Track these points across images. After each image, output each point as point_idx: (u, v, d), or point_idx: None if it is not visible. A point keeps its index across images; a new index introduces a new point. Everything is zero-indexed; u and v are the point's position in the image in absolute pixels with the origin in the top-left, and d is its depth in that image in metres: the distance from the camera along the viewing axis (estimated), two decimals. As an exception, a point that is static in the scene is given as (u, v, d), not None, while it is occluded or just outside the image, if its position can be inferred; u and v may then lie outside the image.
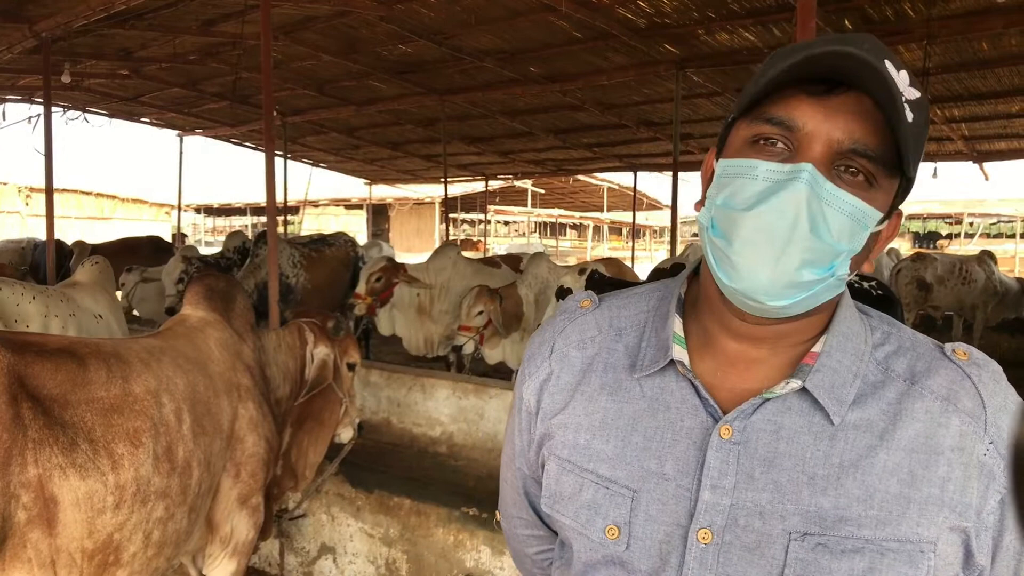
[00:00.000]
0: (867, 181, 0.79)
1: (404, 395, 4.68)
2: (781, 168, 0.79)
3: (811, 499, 0.81)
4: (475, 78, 9.37)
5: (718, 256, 0.82)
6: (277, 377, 2.86)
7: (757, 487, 0.83)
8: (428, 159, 15.13)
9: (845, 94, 0.77)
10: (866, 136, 0.78)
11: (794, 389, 0.85)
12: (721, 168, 0.85)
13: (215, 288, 2.54)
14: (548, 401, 0.98)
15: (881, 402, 0.84)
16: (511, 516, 1.12)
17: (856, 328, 0.89)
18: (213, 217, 35.62)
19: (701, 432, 0.86)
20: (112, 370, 1.91)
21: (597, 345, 0.98)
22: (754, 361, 0.89)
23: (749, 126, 0.82)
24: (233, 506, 2.31)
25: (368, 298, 6.20)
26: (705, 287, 0.91)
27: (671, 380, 0.91)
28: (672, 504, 0.86)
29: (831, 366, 0.85)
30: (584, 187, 27.65)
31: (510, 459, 1.08)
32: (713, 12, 6.71)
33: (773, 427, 0.84)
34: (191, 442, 2.04)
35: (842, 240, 0.79)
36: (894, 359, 0.88)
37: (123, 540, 1.82)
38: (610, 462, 0.90)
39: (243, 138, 14.35)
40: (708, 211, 0.85)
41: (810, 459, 0.82)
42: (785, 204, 0.77)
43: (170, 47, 8.62)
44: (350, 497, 3.70)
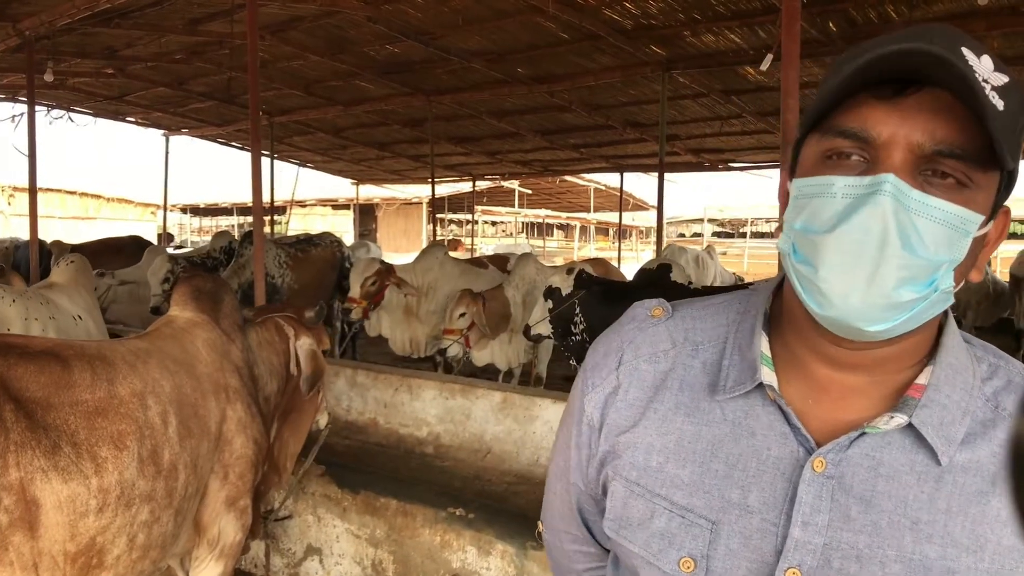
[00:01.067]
0: (960, 183, 0.72)
1: (391, 396, 4.67)
2: (860, 182, 0.72)
3: (915, 546, 0.75)
4: (462, 79, 9.37)
5: (805, 283, 0.75)
6: (265, 375, 2.85)
7: (854, 528, 0.76)
8: (415, 159, 15.13)
9: (919, 93, 0.71)
10: (950, 134, 0.70)
11: (900, 425, 0.77)
12: (796, 189, 0.78)
13: (203, 289, 2.52)
14: (614, 416, 0.91)
15: (992, 443, 0.77)
16: (558, 530, 1.05)
17: (964, 359, 0.81)
18: (199, 217, 35.41)
19: (791, 463, 0.79)
20: (97, 372, 1.90)
21: (671, 359, 0.90)
22: (850, 389, 0.81)
23: (820, 141, 0.76)
24: (221, 508, 2.30)
25: (363, 302, 6.20)
26: (791, 308, 0.84)
27: (757, 404, 0.83)
28: (756, 539, 0.79)
29: (940, 401, 0.78)
30: (571, 188, 27.70)
31: (562, 471, 1.00)
32: (699, 14, 6.75)
33: (872, 463, 0.77)
34: (177, 444, 2.03)
35: (940, 251, 0.71)
36: (1004, 395, 0.80)
37: (107, 543, 1.81)
38: (687, 489, 0.84)
39: (230, 138, 14.29)
40: (788, 236, 0.78)
41: (913, 502, 0.76)
42: (869, 220, 0.70)
43: (156, 46, 8.57)
44: (336, 498, 3.69)
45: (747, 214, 32.69)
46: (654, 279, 5.35)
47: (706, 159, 13.26)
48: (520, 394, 4.19)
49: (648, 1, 6.59)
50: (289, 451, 3.13)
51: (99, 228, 24.11)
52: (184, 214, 33.51)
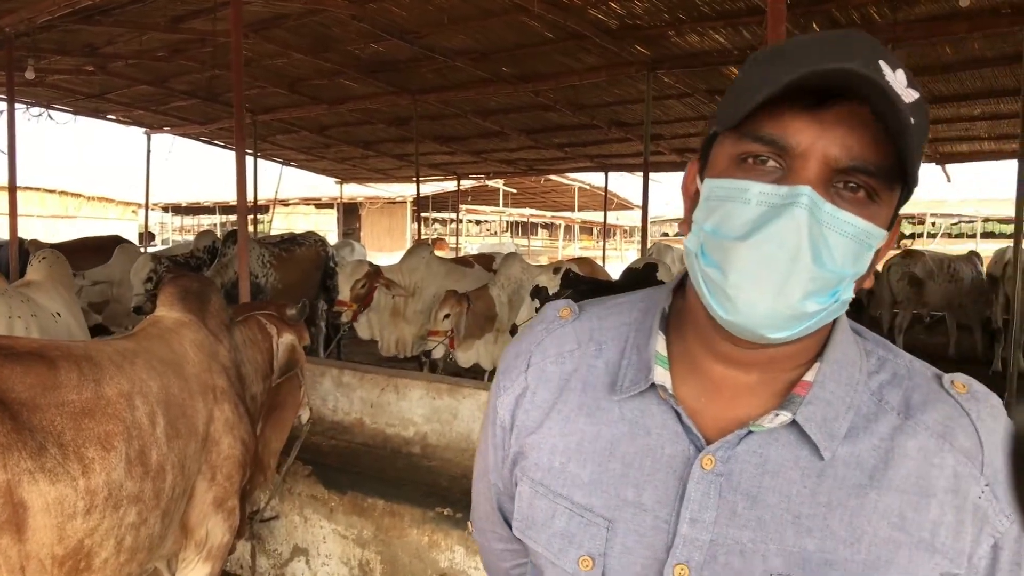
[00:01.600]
0: (868, 197, 0.73)
1: (377, 396, 4.65)
2: (776, 191, 0.72)
3: (796, 539, 0.76)
4: (447, 77, 9.35)
5: (712, 288, 0.75)
6: (251, 374, 2.84)
7: (739, 523, 0.78)
8: (400, 158, 15.08)
9: (839, 105, 0.71)
10: (865, 151, 0.71)
11: (783, 422, 0.79)
12: (708, 189, 0.77)
13: (189, 289, 2.51)
14: (523, 418, 0.92)
15: (873, 437, 0.79)
16: (484, 530, 1.07)
17: (851, 354, 0.83)
18: (181, 216, 35.11)
19: (682, 461, 0.81)
20: (84, 373, 1.88)
21: (576, 360, 0.91)
22: (742, 388, 0.83)
23: (736, 143, 0.75)
24: (208, 509, 2.29)
25: (353, 305, 6.18)
26: (691, 307, 0.85)
27: (652, 403, 0.84)
28: (650, 536, 0.81)
29: (824, 397, 0.79)
30: (555, 187, 27.72)
31: (483, 472, 1.02)
32: (684, 14, 6.77)
33: (758, 460, 0.79)
34: (165, 445, 2.02)
35: (846, 265, 0.73)
36: (889, 389, 0.82)
37: (94, 546, 1.79)
38: (586, 488, 0.85)
39: (212, 136, 14.18)
40: (696, 237, 0.78)
41: (796, 496, 0.77)
42: (785, 232, 0.70)
43: (137, 43, 8.49)
44: (323, 498, 3.68)
45: (730, 213, 32.76)
46: (641, 278, 5.37)
47: (691, 159, 13.21)
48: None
49: (633, 1, 6.61)
50: (272, 448, 3.12)
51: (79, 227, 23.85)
52: (165, 213, 33.21)
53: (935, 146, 11.01)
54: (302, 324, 3.23)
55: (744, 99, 0.72)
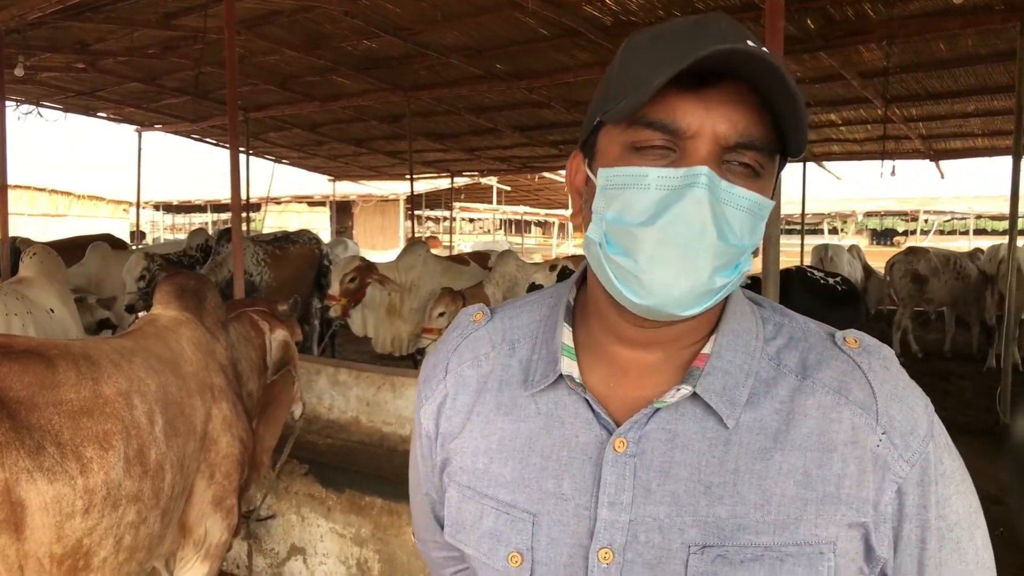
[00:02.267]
0: (755, 171, 0.76)
1: (373, 394, 4.64)
2: (674, 174, 0.74)
3: (708, 509, 0.78)
4: (441, 74, 9.32)
5: (621, 275, 0.77)
6: (247, 372, 2.83)
7: (654, 500, 0.79)
8: (393, 156, 15.04)
9: (720, 84, 0.73)
10: (750, 126, 0.74)
11: (685, 396, 0.81)
12: (604, 179, 0.78)
13: (186, 287, 2.49)
14: (445, 425, 0.94)
15: (774, 401, 0.81)
16: (425, 540, 1.07)
17: (747, 323, 0.85)
18: (172, 214, 34.98)
19: (596, 447, 0.82)
20: (82, 372, 1.86)
21: (492, 361, 0.93)
22: (647, 368, 0.85)
23: (625, 132, 0.77)
24: (207, 508, 2.27)
25: (343, 300, 6.15)
26: (593, 296, 0.87)
27: (564, 394, 0.86)
28: (573, 525, 0.82)
29: (722, 367, 0.82)
30: (549, 184, 27.71)
31: (416, 485, 1.03)
32: (678, 11, 6.76)
33: (668, 436, 0.80)
34: (163, 444, 2.00)
35: (745, 238, 0.76)
36: (785, 352, 0.84)
37: (93, 545, 1.78)
38: (509, 486, 0.86)
39: (204, 134, 14.11)
40: (598, 226, 0.79)
41: (706, 467, 0.79)
42: (689, 213, 0.72)
43: (128, 40, 8.43)
44: (320, 497, 3.66)
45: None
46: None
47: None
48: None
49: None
50: (265, 445, 3.11)
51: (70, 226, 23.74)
52: (157, 211, 33.09)
53: (929, 142, 11.04)
54: (293, 320, 3.22)
55: (634, 88, 0.73)
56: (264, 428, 3.06)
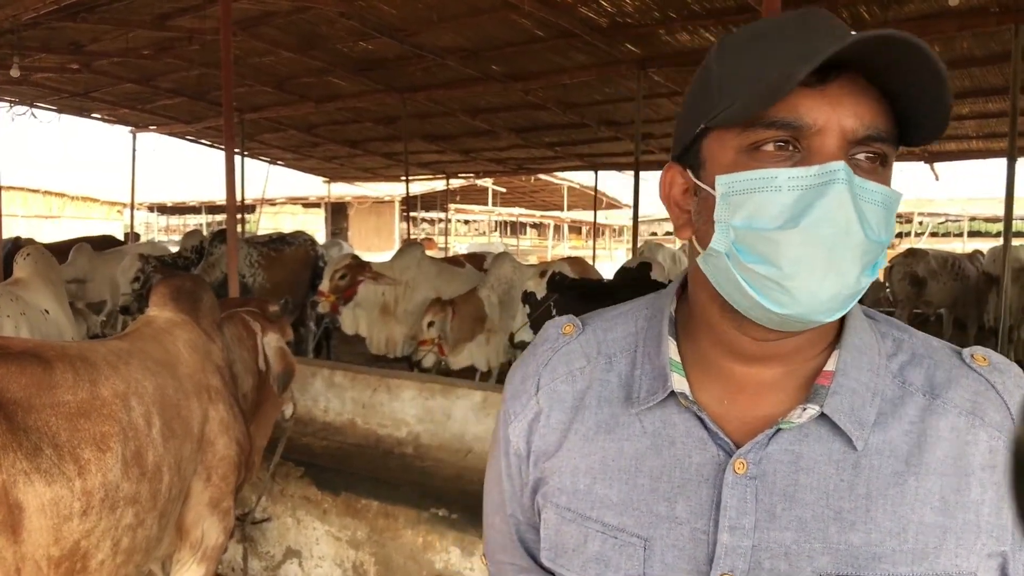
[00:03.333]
0: (881, 162, 0.74)
1: (369, 396, 4.63)
2: (807, 172, 0.70)
3: (840, 536, 0.74)
4: (436, 76, 9.32)
5: (759, 284, 0.72)
6: (242, 373, 2.82)
7: (780, 525, 0.75)
8: (388, 157, 15.03)
9: (839, 78, 0.71)
10: (875, 118, 0.72)
11: (812, 416, 0.76)
12: (725, 186, 0.74)
13: (182, 288, 2.48)
14: (539, 443, 0.89)
15: (903, 421, 0.77)
16: (502, 563, 1.01)
17: (868, 338, 0.81)
18: (167, 216, 34.88)
19: (713, 468, 0.78)
20: (79, 373, 1.85)
21: (587, 376, 0.88)
22: (765, 385, 0.81)
23: (742, 134, 0.73)
24: (204, 510, 2.26)
25: (331, 296, 6.13)
26: (702, 308, 0.83)
27: (673, 412, 0.82)
28: (690, 550, 0.78)
29: (848, 386, 0.77)
30: (545, 186, 27.72)
31: (498, 505, 0.97)
32: (674, 12, 6.78)
33: (792, 458, 0.77)
34: (161, 446, 1.99)
35: (882, 233, 0.72)
36: (910, 370, 0.80)
37: (91, 547, 1.77)
38: (616, 508, 0.82)
39: (199, 135, 14.09)
40: (725, 236, 0.74)
41: (834, 491, 0.75)
42: (833, 210, 0.69)
43: (123, 41, 8.42)
44: (316, 500, 3.65)
45: (717, 213, 32.90)
46: (635, 277, 5.37)
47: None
48: (501, 393, 4.17)
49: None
50: (256, 445, 3.10)
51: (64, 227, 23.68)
52: (151, 212, 32.99)
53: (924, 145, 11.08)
54: (284, 320, 3.20)
55: (754, 89, 0.71)
56: (255, 428, 3.05)
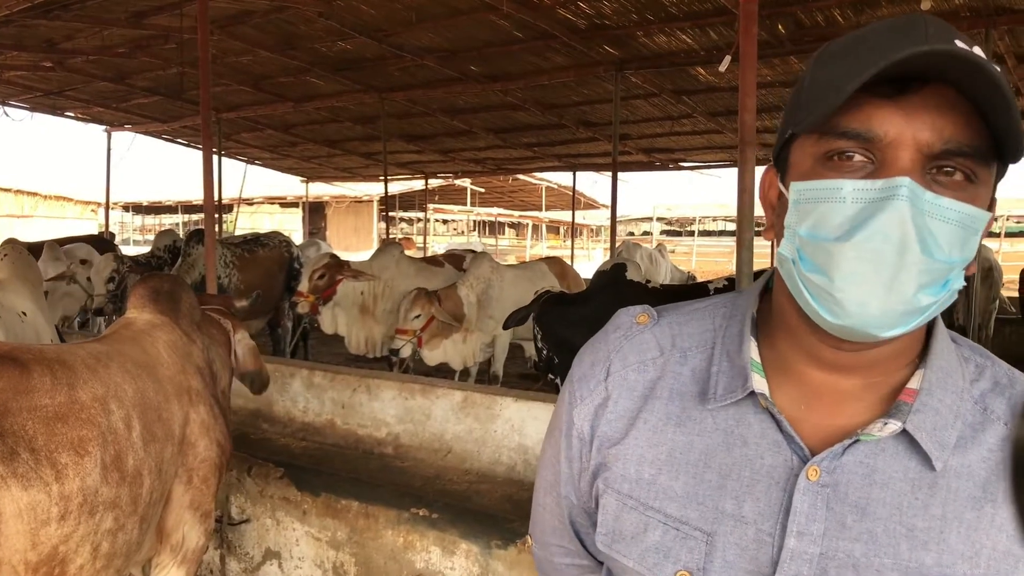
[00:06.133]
0: (967, 179, 0.71)
1: (349, 396, 4.62)
2: (872, 185, 0.70)
3: (911, 553, 0.74)
4: (415, 76, 9.32)
5: (816, 292, 0.73)
6: (220, 371, 2.81)
7: (850, 536, 0.75)
8: (367, 157, 14.98)
9: (922, 90, 0.69)
10: (958, 132, 0.69)
11: (893, 431, 0.76)
12: (796, 193, 0.75)
13: (161, 289, 2.46)
14: (605, 428, 0.89)
15: (982, 448, 0.77)
16: (549, 544, 1.02)
17: (953, 361, 0.81)
18: (142, 215, 34.50)
19: (785, 472, 0.78)
20: (57, 377, 1.84)
21: (660, 367, 0.88)
22: (844, 394, 0.80)
23: (818, 142, 0.73)
24: (185, 513, 2.25)
25: (311, 296, 6.11)
26: (782, 311, 0.82)
27: (748, 412, 0.82)
28: (753, 550, 0.78)
29: (932, 406, 0.77)
30: (523, 186, 27.78)
31: (551, 485, 0.98)
32: (652, 15, 6.83)
33: (866, 470, 0.76)
34: (141, 450, 1.98)
35: (954, 252, 0.70)
36: (992, 398, 0.80)
37: (69, 552, 1.76)
38: (680, 501, 0.82)
39: (175, 134, 13.96)
40: (791, 242, 0.75)
41: (908, 509, 0.75)
42: (888, 227, 0.68)
43: (98, 39, 8.33)
44: (296, 500, 3.64)
45: (694, 212, 33.22)
46: (610, 279, 5.38)
47: (657, 159, 13.42)
48: (481, 393, 4.19)
49: (602, 1, 6.65)
50: None
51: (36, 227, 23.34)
52: (126, 212, 32.61)
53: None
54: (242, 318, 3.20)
55: (826, 96, 0.70)
56: None
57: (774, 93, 8.62)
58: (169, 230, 9.48)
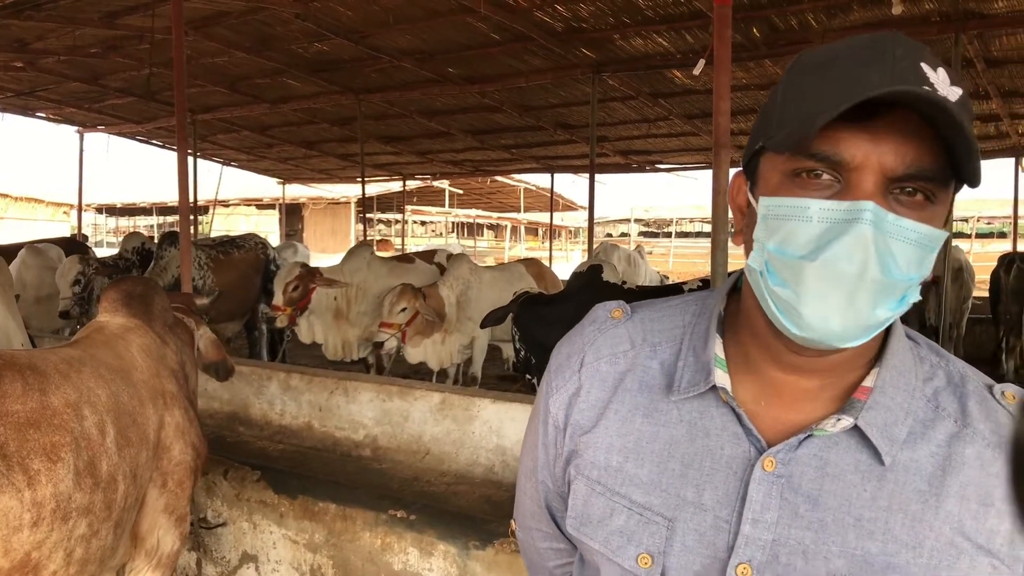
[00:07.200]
0: (926, 199, 0.75)
1: (326, 399, 4.61)
2: (838, 207, 0.73)
3: (857, 542, 0.78)
4: (393, 78, 9.30)
5: (782, 306, 0.76)
6: (191, 372, 2.79)
7: (801, 524, 0.80)
8: (344, 158, 14.92)
9: (889, 115, 0.72)
10: (920, 157, 0.73)
11: (845, 427, 0.81)
12: (765, 208, 0.78)
13: (133, 292, 2.44)
14: (577, 417, 0.94)
15: (931, 444, 0.81)
16: (530, 528, 1.07)
17: (907, 360, 0.85)
18: (116, 217, 34.05)
19: (743, 463, 0.83)
20: (28, 383, 1.82)
21: (630, 360, 0.93)
22: (802, 392, 0.84)
23: (788, 160, 0.76)
24: (159, 517, 2.23)
25: (288, 309, 6.07)
26: (749, 313, 0.86)
27: (711, 405, 0.86)
28: (710, 536, 0.83)
29: (884, 403, 0.81)
30: (501, 188, 27.79)
31: (530, 471, 1.03)
32: (628, 18, 6.87)
33: (819, 463, 0.81)
34: (116, 455, 1.96)
35: (911, 271, 0.74)
36: (944, 395, 0.84)
37: (42, 559, 1.74)
38: (644, 487, 0.87)
39: (149, 135, 13.81)
40: (760, 255, 0.79)
41: (856, 500, 0.79)
42: (852, 249, 0.72)
43: (70, 39, 8.22)
44: (273, 503, 3.62)
45: (672, 214, 33.41)
46: (587, 281, 5.41)
47: (634, 161, 13.49)
48: (459, 395, 4.20)
49: (579, 4, 6.68)
50: None
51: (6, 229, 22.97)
52: (100, 214, 32.19)
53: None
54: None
55: (799, 120, 0.73)
56: None
57: (749, 96, 8.71)
58: (137, 232, 9.32)
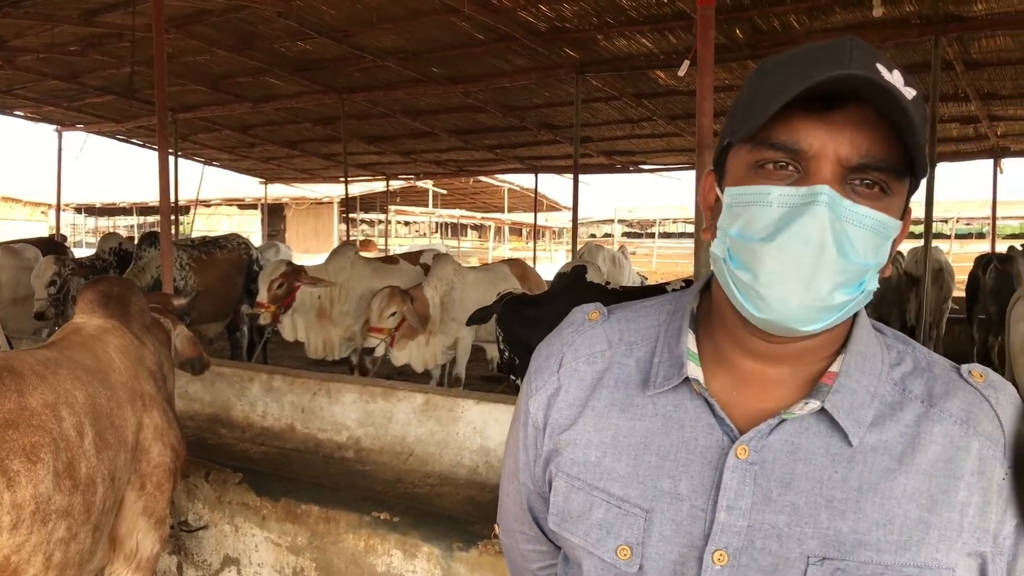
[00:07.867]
0: (882, 190, 0.78)
1: (309, 400, 4.58)
2: (796, 192, 0.77)
3: (830, 522, 0.80)
4: (376, 77, 9.27)
5: (742, 288, 0.80)
6: (169, 373, 2.76)
7: (774, 509, 0.82)
8: (327, 158, 14.85)
9: (846, 107, 0.76)
10: (874, 148, 0.76)
11: (813, 410, 0.83)
12: (730, 197, 0.82)
13: (111, 293, 2.41)
14: (556, 416, 0.96)
15: (899, 424, 0.84)
16: (512, 531, 1.09)
17: (873, 347, 0.88)
18: (95, 217, 33.71)
19: (717, 452, 0.85)
20: (5, 384, 1.79)
21: (607, 359, 0.96)
22: (771, 380, 0.87)
23: (751, 152, 0.80)
24: (138, 520, 2.21)
25: (272, 307, 6.03)
26: (719, 307, 0.89)
27: (685, 398, 0.89)
28: (687, 525, 0.85)
29: (850, 386, 0.84)
30: (485, 188, 27.79)
31: (512, 473, 1.05)
32: (612, 18, 6.89)
33: (790, 448, 0.83)
34: (94, 457, 1.94)
35: (868, 256, 0.78)
36: (911, 379, 0.87)
37: (21, 562, 1.71)
38: (622, 481, 0.89)
39: (129, 134, 13.68)
40: (722, 242, 0.83)
41: (828, 481, 0.82)
42: (808, 230, 0.75)
43: (48, 37, 8.13)
44: (255, 506, 3.59)
45: (655, 215, 33.52)
46: (571, 281, 5.40)
47: (618, 161, 13.53)
48: (443, 395, 4.18)
49: (563, 4, 6.69)
50: None
51: (-17, 229, 22.66)
52: (79, 214, 31.85)
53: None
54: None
55: (757, 110, 0.77)
56: None
57: (732, 97, 8.73)
58: (114, 233, 9.24)
